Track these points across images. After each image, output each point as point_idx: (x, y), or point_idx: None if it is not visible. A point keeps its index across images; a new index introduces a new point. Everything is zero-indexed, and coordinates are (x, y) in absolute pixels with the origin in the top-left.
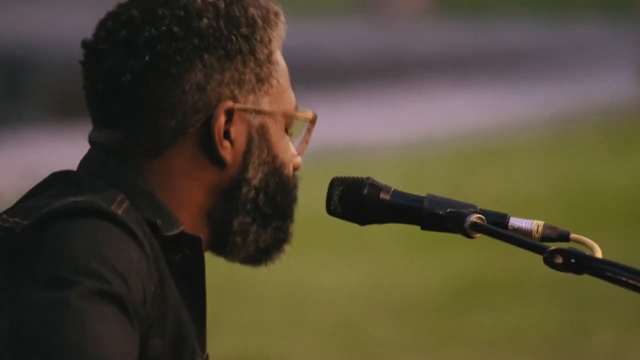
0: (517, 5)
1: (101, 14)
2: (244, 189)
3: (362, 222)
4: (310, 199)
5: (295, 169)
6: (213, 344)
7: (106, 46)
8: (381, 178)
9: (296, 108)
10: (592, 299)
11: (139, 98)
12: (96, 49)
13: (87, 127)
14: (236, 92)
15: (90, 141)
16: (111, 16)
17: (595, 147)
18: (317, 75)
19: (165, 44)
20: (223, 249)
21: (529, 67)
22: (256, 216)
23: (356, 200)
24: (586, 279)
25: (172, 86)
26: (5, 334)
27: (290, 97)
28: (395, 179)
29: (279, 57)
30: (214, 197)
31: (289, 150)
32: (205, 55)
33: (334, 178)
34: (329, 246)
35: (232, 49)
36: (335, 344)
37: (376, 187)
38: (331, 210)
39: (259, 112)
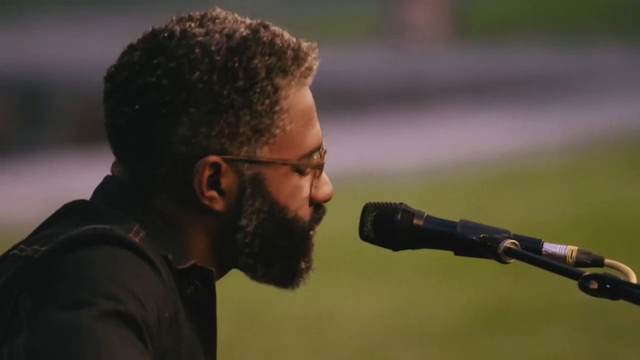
0: (536, 31)
1: (120, 39)
2: (239, 236)
3: (395, 247)
4: (332, 225)
5: (325, 200)
6: None
7: (109, 86)
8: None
9: (319, 147)
10: (618, 326)
11: (130, 143)
12: (105, 86)
13: (108, 154)
14: (226, 144)
15: (111, 170)
16: (125, 52)
17: (617, 171)
18: (338, 101)
19: (153, 96)
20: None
21: (549, 91)
22: (257, 258)
23: (389, 226)
24: (611, 305)
25: (158, 137)
26: (21, 357)
27: (305, 141)
28: (416, 204)
29: (289, 103)
30: (213, 240)
31: (300, 194)
32: (192, 110)
33: (367, 204)
34: (351, 272)
35: (223, 103)
36: None
37: (409, 213)
38: (364, 235)
39: (252, 162)
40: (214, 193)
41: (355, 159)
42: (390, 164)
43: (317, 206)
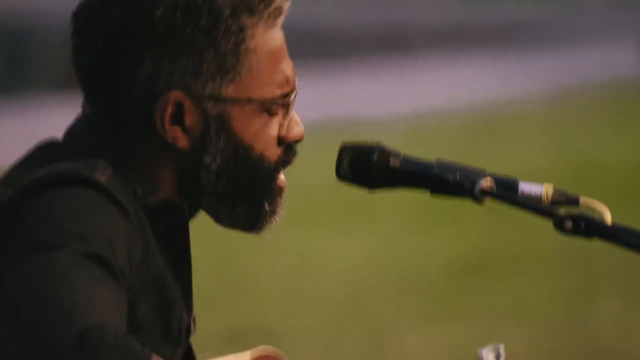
0: None
1: None
2: (203, 173)
3: (372, 187)
4: (314, 172)
5: (295, 140)
6: (215, 316)
7: (72, 27)
8: None
9: (288, 87)
10: (596, 271)
11: (93, 83)
12: (72, 24)
13: None
14: (190, 82)
15: (82, 107)
16: None
17: (597, 119)
18: (321, 47)
19: (116, 32)
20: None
21: (533, 40)
22: (220, 198)
23: (366, 166)
24: (591, 251)
25: (121, 74)
26: None
27: (272, 81)
28: (400, 151)
29: (256, 42)
30: (179, 177)
31: (267, 133)
32: (155, 47)
33: (343, 143)
34: (333, 219)
35: (186, 40)
36: (340, 316)
37: (386, 153)
38: (340, 175)
39: (217, 100)
40: (177, 130)
41: (339, 106)
42: (374, 111)
43: (288, 148)
